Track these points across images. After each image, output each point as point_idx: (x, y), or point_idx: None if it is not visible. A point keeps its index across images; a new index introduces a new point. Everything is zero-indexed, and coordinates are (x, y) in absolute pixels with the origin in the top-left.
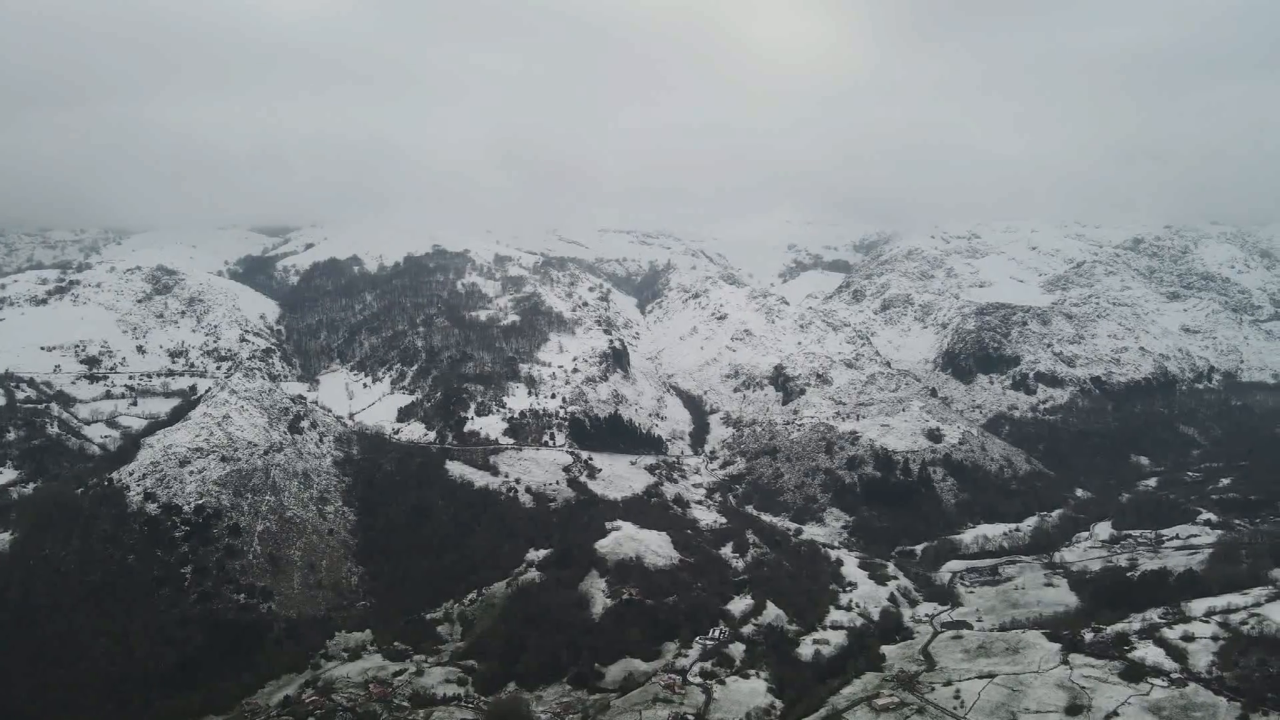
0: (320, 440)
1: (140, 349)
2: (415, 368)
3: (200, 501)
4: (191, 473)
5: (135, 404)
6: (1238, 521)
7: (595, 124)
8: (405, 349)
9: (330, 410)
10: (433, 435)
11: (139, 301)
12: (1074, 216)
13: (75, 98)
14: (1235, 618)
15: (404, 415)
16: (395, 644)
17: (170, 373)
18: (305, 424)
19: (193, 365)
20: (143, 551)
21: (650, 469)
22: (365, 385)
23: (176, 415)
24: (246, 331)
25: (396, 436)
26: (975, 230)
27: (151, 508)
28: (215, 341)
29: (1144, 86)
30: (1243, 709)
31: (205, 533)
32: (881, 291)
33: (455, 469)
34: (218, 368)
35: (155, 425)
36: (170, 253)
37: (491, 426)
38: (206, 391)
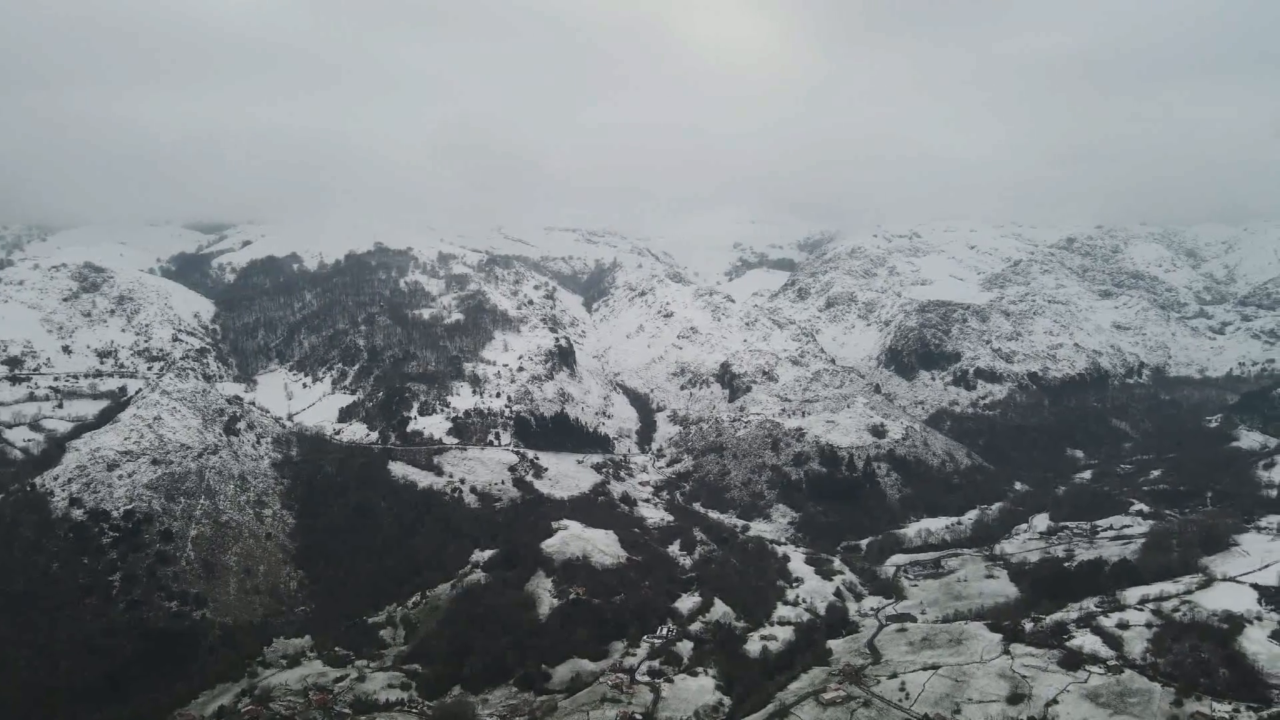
0: (258, 442)
1: (66, 349)
2: (357, 367)
3: (130, 506)
4: (120, 477)
5: (61, 406)
6: (1168, 512)
7: (542, 121)
8: (346, 348)
9: (268, 411)
10: (375, 436)
11: (65, 300)
12: (1010, 217)
13: None
14: (1168, 605)
15: (345, 415)
16: (336, 649)
17: (98, 374)
18: (242, 425)
19: (122, 366)
20: (68, 559)
21: (597, 467)
22: (305, 385)
23: (105, 417)
24: (180, 331)
25: (337, 437)
26: (916, 229)
27: (77, 514)
28: (146, 341)
29: (1075, 91)
30: (1176, 694)
31: (135, 539)
32: (826, 289)
33: (398, 470)
34: (149, 368)
35: (82, 428)
36: (99, 250)
37: (435, 426)
38: (137, 393)
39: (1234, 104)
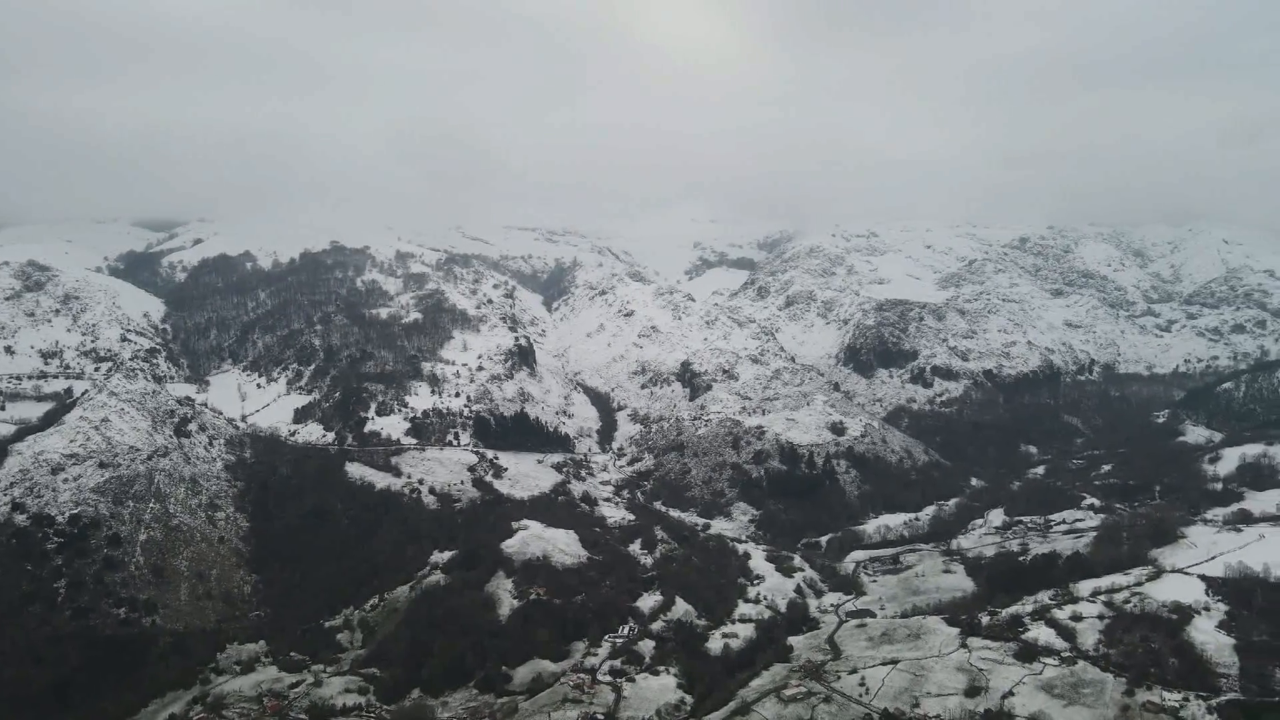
0: (210, 444)
1: (9, 350)
2: (313, 367)
3: (76, 511)
4: (66, 480)
5: (3, 409)
6: (1118, 505)
7: (502, 120)
8: (302, 348)
9: (221, 412)
10: (331, 436)
11: (7, 299)
12: (965, 217)
13: None
14: (1119, 597)
15: (301, 416)
16: (292, 654)
17: (43, 375)
18: (193, 427)
19: (68, 367)
20: (10, 566)
21: (558, 467)
22: (259, 386)
23: (49, 420)
24: (128, 331)
25: (293, 438)
26: (874, 229)
27: (20, 519)
28: (93, 341)
29: (1027, 94)
30: (1128, 684)
31: (81, 544)
32: (785, 288)
33: (355, 470)
34: (96, 369)
35: (25, 430)
36: (43, 248)
37: (393, 427)
38: (83, 394)
39: (1178, 109)
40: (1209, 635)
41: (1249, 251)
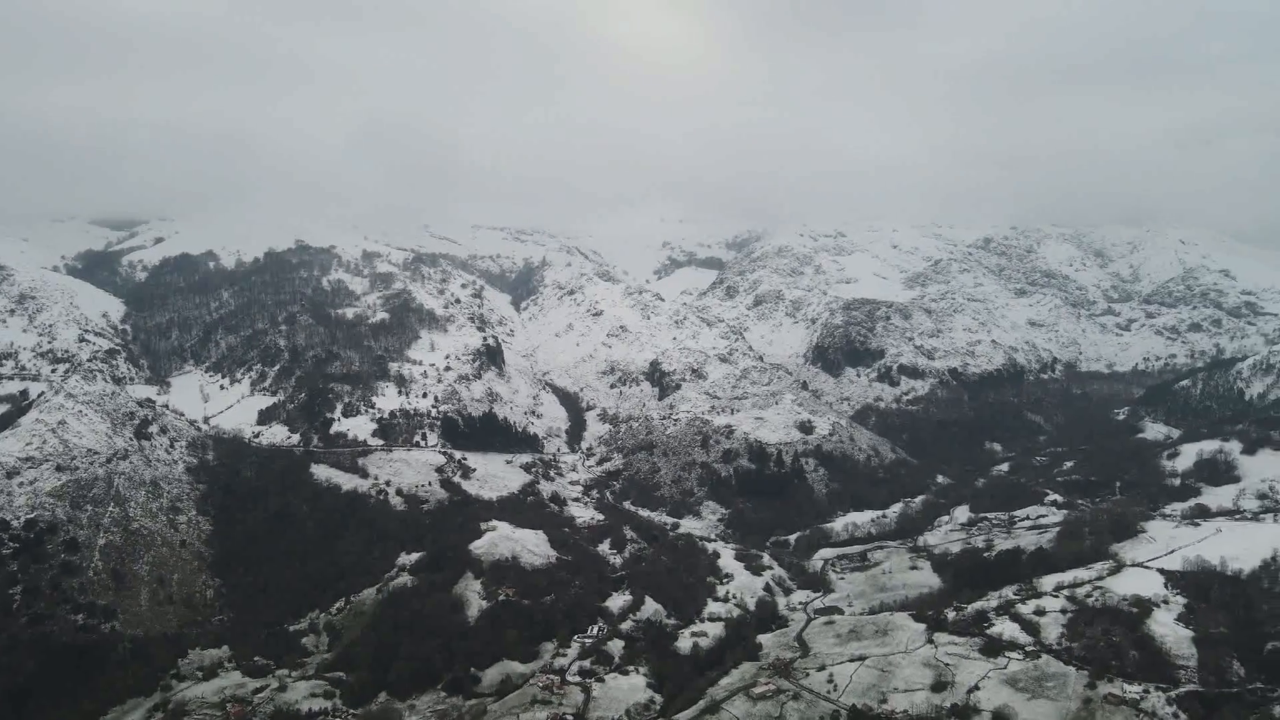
0: (171, 446)
1: None
2: (277, 368)
3: (32, 515)
4: (21, 484)
5: None
6: (1080, 501)
7: (470, 119)
8: (266, 348)
9: (183, 414)
10: (296, 438)
11: None
12: (931, 217)
13: None
14: (1081, 591)
15: (265, 418)
16: (256, 659)
17: None
18: (154, 429)
19: (23, 368)
20: None
21: (526, 467)
22: (222, 387)
23: (4, 422)
24: (86, 331)
25: (257, 440)
26: (841, 229)
27: None
28: (50, 342)
29: (991, 95)
30: (1090, 677)
31: (37, 549)
32: (754, 288)
33: (321, 472)
34: (53, 370)
35: None
36: None
37: (360, 428)
38: (39, 396)
39: (1137, 113)
40: (1168, 628)
41: (1205, 252)
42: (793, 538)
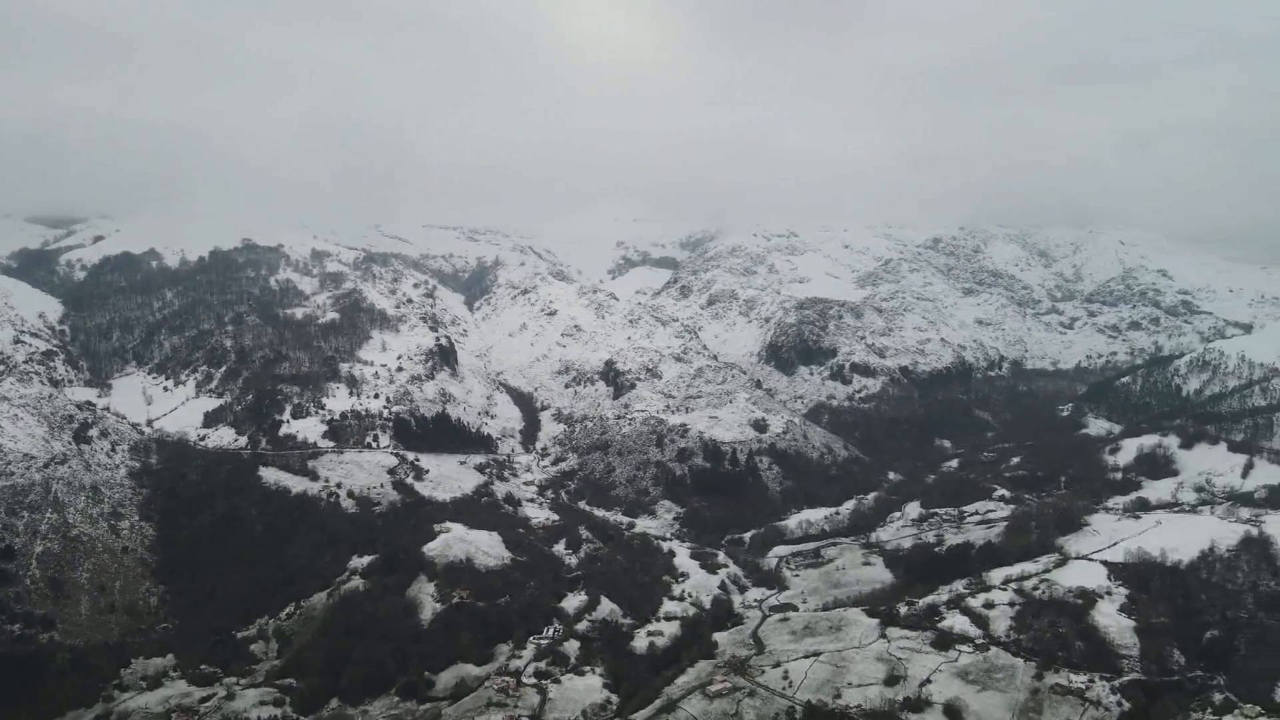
0: (112, 450)
1: None
2: (224, 369)
3: None
4: None
5: None
6: (1027, 496)
7: (422, 117)
8: (212, 349)
9: (125, 417)
10: (244, 440)
11: None
12: (882, 217)
13: None
14: (1028, 584)
15: (211, 420)
16: (202, 667)
17: None
18: (94, 432)
19: None
20: None
21: (480, 468)
22: (166, 389)
23: None
24: (22, 332)
25: (202, 443)
26: (794, 229)
27: None
28: None
29: (939, 99)
30: (1038, 668)
31: None
32: (708, 287)
33: (270, 475)
34: None
35: None
36: None
37: (310, 429)
38: None
39: (1079, 117)
40: (1112, 619)
41: (1144, 253)
42: (748, 536)
